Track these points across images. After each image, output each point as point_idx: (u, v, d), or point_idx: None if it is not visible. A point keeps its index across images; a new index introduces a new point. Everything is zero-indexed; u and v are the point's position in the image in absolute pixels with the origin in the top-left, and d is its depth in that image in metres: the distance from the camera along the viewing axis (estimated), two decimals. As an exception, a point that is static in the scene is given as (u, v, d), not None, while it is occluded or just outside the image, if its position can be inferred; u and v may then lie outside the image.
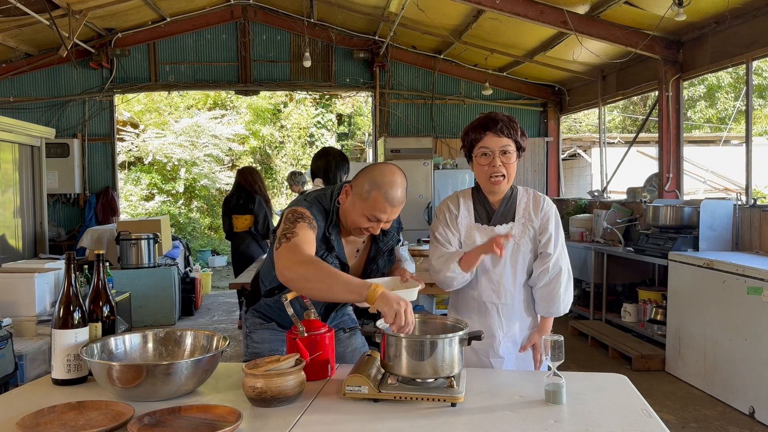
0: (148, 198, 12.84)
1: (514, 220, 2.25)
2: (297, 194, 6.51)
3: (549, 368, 1.65)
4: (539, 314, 2.30)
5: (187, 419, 1.47)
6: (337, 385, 1.74)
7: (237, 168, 9.09)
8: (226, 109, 14.29)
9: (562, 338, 1.69)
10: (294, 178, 6.94)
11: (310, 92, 12.28)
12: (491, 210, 2.26)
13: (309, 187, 6.19)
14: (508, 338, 2.29)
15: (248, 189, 6.08)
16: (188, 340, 1.85)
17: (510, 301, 2.27)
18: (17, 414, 1.48)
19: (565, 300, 2.26)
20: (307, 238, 1.90)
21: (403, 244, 2.35)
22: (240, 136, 14.04)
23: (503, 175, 2.17)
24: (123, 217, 10.15)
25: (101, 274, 1.87)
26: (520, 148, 2.20)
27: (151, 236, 6.73)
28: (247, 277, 4.36)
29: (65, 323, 1.73)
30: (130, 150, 12.79)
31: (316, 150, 4.57)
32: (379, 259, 2.16)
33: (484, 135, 2.16)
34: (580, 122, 14.97)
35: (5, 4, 5.85)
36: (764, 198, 9.45)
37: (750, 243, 4.95)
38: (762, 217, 4.85)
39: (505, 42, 7.42)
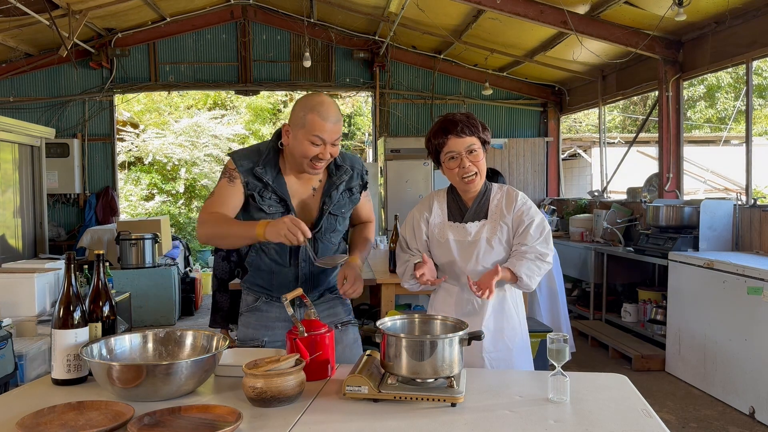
0: (148, 198, 12.83)
1: (486, 218, 2.23)
2: None
3: (554, 367, 1.66)
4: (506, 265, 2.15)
5: (187, 419, 1.47)
6: (337, 385, 1.74)
7: None
8: (226, 109, 14.27)
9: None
10: None
11: (310, 92, 12.28)
12: (464, 208, 2.26)
13: None
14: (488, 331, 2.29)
15: None
16: (188, 340, 1.85)
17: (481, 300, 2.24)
18: (17, 414, 1.48)
19: (534, 271, 2.13)
20: (222, 195, 2.11)
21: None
22: (240, 136, 14.03)
23: (475, 173, 2.17)
24: (123, 217, 10.14)
25: (101, 274, 1.87)
26: (484, 143, 2.20)
27: (151, 236, 6.74)
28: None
29: (65, 323, 1.73)
30: (130, 150, 12.77)
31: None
32: (332, 191, 2.19)
33: (447, 139, 2.15)
34: (580, 122, 14.96)
35: (5, 4, 5.85)
36: (764, 198, 9.44)
37: (750, 243, 4.95)
38: (762, 217, 4.85)
39: (505, 42, 7.42)
